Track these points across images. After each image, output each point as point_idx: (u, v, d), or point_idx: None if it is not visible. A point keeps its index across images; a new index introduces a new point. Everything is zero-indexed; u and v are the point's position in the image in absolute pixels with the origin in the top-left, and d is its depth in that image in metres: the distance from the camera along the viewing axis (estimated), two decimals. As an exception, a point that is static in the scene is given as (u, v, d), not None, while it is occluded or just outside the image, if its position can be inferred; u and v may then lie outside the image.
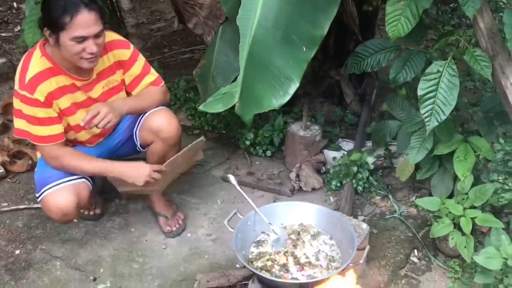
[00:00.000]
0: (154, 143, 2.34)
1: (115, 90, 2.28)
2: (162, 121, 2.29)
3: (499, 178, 2.16)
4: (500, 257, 1.99)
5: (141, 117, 2.35)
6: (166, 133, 2.29)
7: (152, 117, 2.31)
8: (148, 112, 2.32)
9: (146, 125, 2.33)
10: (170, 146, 2.33)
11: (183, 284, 2.24)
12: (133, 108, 2.25)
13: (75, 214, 2.21)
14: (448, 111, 2.07)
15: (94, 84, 2.21)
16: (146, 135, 2.34)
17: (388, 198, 2.72)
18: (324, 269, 1.94)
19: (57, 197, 2.13)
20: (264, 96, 2.02)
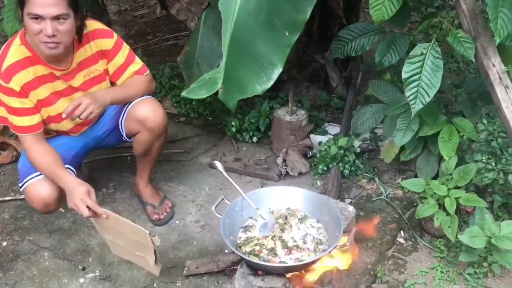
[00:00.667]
0: (140, 133, 2.33)
1: (97, 80, 2.25)
2: (148, 111, 2.28)
3: (483, 158, 2.19)
4: (484, 236, 2.03)
5: (126, 107, 2.33)
6: (152, 122, 2.28)
7: (138, 107, 2.29)
8: (133, 101, 2.31)
9: (131, 115, 2.31)
10: (156, 136, 2.32)
11: (172, 270, 2.24)
12: (116, 98, 2.23)
13: (58, 204, 2.19)
14: (433, 93, 2.09)
15: (75, 74, 2.18)
16: (132, 125, 2.33)
17: (375, 181, 2.74)
18: (311, 252, 1.96)
19: (38, 187, 2.11)
20: (248, 82, 2.01)
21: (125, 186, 2.74)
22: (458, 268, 2.19)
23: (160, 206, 2.55)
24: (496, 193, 2.30)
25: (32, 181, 2.12)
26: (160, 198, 2.58)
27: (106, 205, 2.62)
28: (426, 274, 2.19)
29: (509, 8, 1.91)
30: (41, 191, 2.11)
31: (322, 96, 3.37)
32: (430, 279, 2.16)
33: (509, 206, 2.39)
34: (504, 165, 2.15)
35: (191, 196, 2.70)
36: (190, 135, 3.20)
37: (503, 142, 2.17)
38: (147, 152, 2.39)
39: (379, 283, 2.15)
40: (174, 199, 2.67)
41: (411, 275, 2.19)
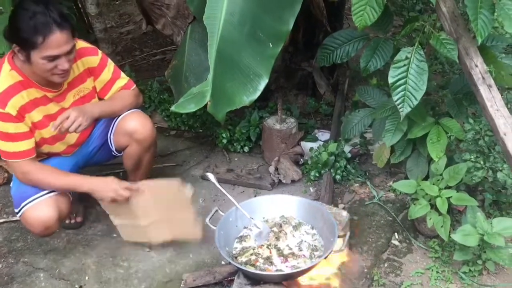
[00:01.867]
0: (130, 146, 2.34)
1: (87, 98, 2.26)
2: (136, 123, 2.29)
3: (471, 157, 2.21)
4: (477, 234, 2.05)
5: (114, 121, 2.34)
6: (140, 134, 2.29)
7: (126, 120, 2.30)
8: (121, 115, 2.32)
9: (120, 128, 2.32)
10: (145, 148, 2.33)
11: (169, 285, 2.24)
12: (104, 111, 2.23)
13: (57, 226, 2.19)
14: (420, 96, 2.12)
15: (66, 94, 2.19)
16: (121, 139, 2.33)
17: (367, 185, 2.76)
18: (307, 258, 1.97)
19: (37, 211, 2.10)
20: (235, 94, 2.03)
21: (119, 203, 2.73)
22: (453, 267, 2.21)
23: (154, 221, 2.54)
24: (487, 191, 2.33)
25: (29, 205, 2.11)
26: (154, 213, 2.58)
27: (101, 222, 2.61)
28: (422, 274, 2.20)
29: (488, 9, 1.95)
30: (41, 215, 2.10)
31: (310, 103, 3.40)
32: (426, 280, 2.17)
33: (500, 203, 2.42)
34: (492, 163, 2.18)
35: (185, 209, 2.70)
36: (182, 148, 3.21)
37: (490, 141, 2.20)
38: (137, 166, 2.39)
39: (376, 286, 2.16)
40: (168, 213, 2.67)
41: (407, 276, 2.20)
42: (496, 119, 1.92)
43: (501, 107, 1.94)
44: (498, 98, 1.96)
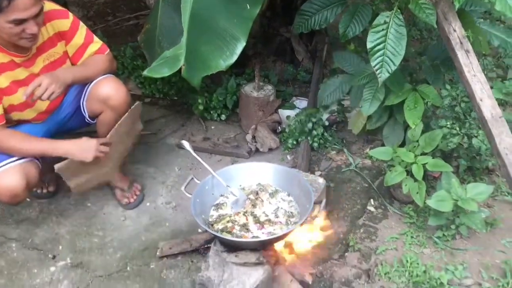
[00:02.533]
0: (103, 113, 2.27)
1: (58, 63, 2.17)
2: (110, 89, 2.22)
3: (447, 123, 2.22)
4: (451, 199, 2.08)
5: (87, 86, 2.26)
6: (115, 101, 2.22)
7: (99, 86, 2.23)
8: (94, 81, 2.24)
9: (93, 94, 2.24)
10: (120, 115, 2.26)
11: (145, 253, 2.22)
12: (77, 77, 2.15)
13: (26, 195, 2.12)
14: (398, 61, 2.09)
15: (35, 59, 2.09)
16: (94, 105, 2.26)
17: (343, 152, 2.76)
18: (283, 225, 1.96)
19: (4, 179, 2.02)
20: (211, 58, 1.97)
21: (93, 171, 2.68)
22: (427, 232, 2.24)
23: (129, 189, 2.50)
24: (461, 157, 2.35)
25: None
26: (129, 182, 2.53)
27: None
28: (397, 240, 2.23)
29: (467, -28, 1.92)
30: (7, 182, 2.02)
31: (288, 70, 3.36)
32: (401, 245, 2.20)
33: (474, 169, 2.45)
34: (468, 129, 2.20)
35: (160, 177, 2.67)
36: (157, 116, 3.14)
37: (466, 107, 2.21)
38: None
39: (351, 252, 2.18)
40: (144, 181, 2.63)
41: (382, 241, 2.23)
42: (473, 84, 1.91)
43: (478, 72, 1.94)
44: (475, 63, 1.95)
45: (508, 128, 1.86)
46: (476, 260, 2.12)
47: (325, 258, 2.14)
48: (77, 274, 2.13)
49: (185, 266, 2.14)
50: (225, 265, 1.90)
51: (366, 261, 2.14)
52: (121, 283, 2.08)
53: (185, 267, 2.14)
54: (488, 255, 2.14)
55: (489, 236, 2.22)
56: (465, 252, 2.15)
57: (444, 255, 2.14)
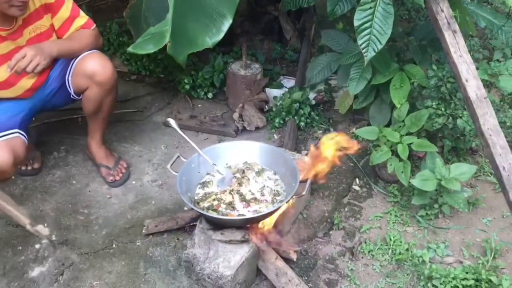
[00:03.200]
0: (89, 89, 2.24)
1: (44, 36, 2.13)
2: (96, 64, 2.19)
3: (433, 103, 2.23)
4: (435, 179, 2.10)
5: (72, 62, 2.23)
6: (101, 76, 2.19)
7: (85, 61, 2.20)
8: (79, 56, 2.21)
9: (78, 69, 2.21)
10: (106, 91, 2.24)
11: (131, 231, 2.22)
12: (63, 50, 2.12)
13: (13, 171, 2.09)
14: (384, 40, 2.08)
15: (21, 31, 2.06)
16: (80, 81, 2.23)
17: (330, 131, 2.77)
18: (269, 203, 1.97)
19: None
20: (197, 35, 1.94)
21: (78, 149, 2.66)
22: (411, 211, 2.27)
23: (115, 167, 2.49)
24: (446, 138, 2.37)
25: None
26: (115, 159, 2.52)
27: (59, 169, 2.54)
28: (381, 218, 2.26)
29: (456, -49, 1.91)
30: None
31: (276, 49, 3.34)
32: (385, 223, 2.23)
33: (458, 150, 2.48)
34: (453, 110, 2.21)
35: (146, 155, 2.66)
36: (143, 93, 3.11)
37: (452, 87, 2.22)
38: (97, 110, 2.30)
39: (336, 230, 2.21)
40: (130, 159, 2.62)
41: (367, 220, 2.25)
42: (459, 65, 1.91)
43: (464, 53, 1.94)
44: (462, 44, 1.95)
45: (492, 109, 1.88)
46: (458, 239, 2.16)
47: (310, 236, 2.16)
48: (62, 252, 2.12)
49: (171, 244, 2.15)
50: (210, 242, 1.91)
51: (350, 239, 2.16)
52: (107, 260, 2.09)
53: (171, 245, 2.14)
54: (470, 233, 2.18)
55: (471, 216, 2.26)
56: (447, 230, 2.19)
57: (426, 233, 2.17)
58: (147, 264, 2.06)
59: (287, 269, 1.88)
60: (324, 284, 1.97)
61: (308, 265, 2.05)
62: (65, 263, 2.07)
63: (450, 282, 1.88)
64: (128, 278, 2.01)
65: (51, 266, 2.06)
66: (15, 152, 2.04)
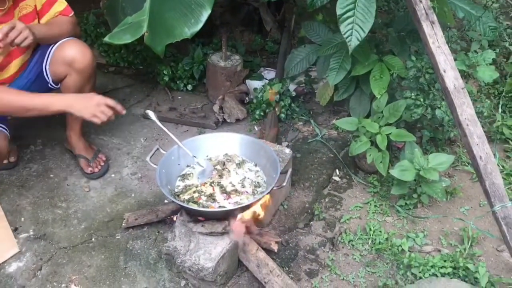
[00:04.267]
0: (68, 77, 2.20)
1: (30, 17, 2.10)
2: (75, 51, 2.15)
3: (412, 94, 2.25)
4: (414, 169, 2.12)
5: (50, 49, 2.19)
6: (80, 63, 2.16)
7: (63, 48, 2.16)
8: (57, 43, 2.17)
9: (57, 57, 2.17)
10: (86, 79, 2.21)
11: (110, 224, 2.20)
12: (43, 34, 2.07)
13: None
14: (367, 28, 2.06)
15: (12, 11, 2.03)
16: (58, 68, 2.19)
17: (310, 123, 2.78)
18: (250, 194, 1.97)
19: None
20: (175, 25, 1.91)
21: (55, 142, 2.61)
22: (390, 201, 2.30)
23: (94, 159, 2.46)
24: (425, 128, 2.40)
25: None
26: (94, 152, 2.49)
27: (36, 162, 2.49)
28: (361, 209, 2.28)
29: None
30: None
31: (256, 41, 3.32)
32: (365, 213, 2.25)
33: (437, 140, 2.51)
34: (431, 101, 2.24)
35: (126, 148, 2.62)
36: (121, 85, 3.07)
37: (430, 78, 2.24)
38: None
39: (316, 220, 2.22)
40: (108, 152, 2.59)
41: (347, 210, 2.27)
42: (437, 55, 1.93)
43: (442, 44, 1.95)
44: (439, 35, 1.96)
45: (469, 99, 1.90)
46: (436, 228, 2.19)
47: (291, 227, 2.17)
48: (40, 246, 2.09)
49: (152, 237, 2.13)
50: (191, 235, 1.90)
51: (331, 230, 2.18)
52: (86, 254, 2.06)
53: (151, 238, 2.13)
54: (448, 222, 2.21)
55: (449, 205, 2.29)
56: (425, 220, 2.22)
57: (406, 223, 2.20)
58: (127, 258, 2.04)
59: (268, 260, 1.88)
60: (305, 275, 1.98)
61: (289, 256, 2.05)
62: (43, 258, 2.04)
63: (428, 270, 1.91)
64: (108, 272, 1.99)
65: (29, 261, 2.02)
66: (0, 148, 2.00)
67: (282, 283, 1.81)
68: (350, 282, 1.96)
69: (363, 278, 1.97)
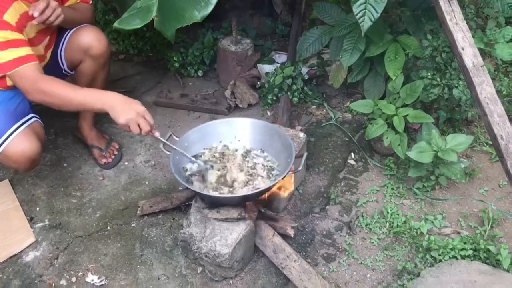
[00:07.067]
0: (83, 63, 2.19)
1: None
2: (91, 38, 2.15)
3: (428, 74, 2.20)
4: (431, 150, 2.08)
5: (65, 36, 2.18)
6: (96, 50, 2.15)
7: (79, 34, 2.16)
8: (73, 29, 2.17)
9: (73, 43, 2.16)
10: (101, 65, 2.20)
11: (125, 212, 2.19)
12: (68, 17, 2.05)
13: (41, 157, 2.03)
14: (381, 8, 2.00)
15: None
16: (74, 54, 2.18)
17: (324, 106, 2.73)
18: (265, 178, 1.94)
19: (19, 145, 1.91)
20: (185, 8, 1.87)
21: (67, 131, 2.60)
22: (408, 183, 2.26)
23: (107, 148, 2.45)
24: (442, 109, 2.34)
25: (9, 141, 1.91)
26: (106, 141, 2.47)
27: (49, 152, 2.49)
28: (377, 192, 2.24)
29: None
30: (24, 148, 1.91)
31: (267, 24, 3.27)
32: (381, 197, 2.22)
33: (454, 121, 2.46)
34: (448, 80, 2.18)
35: (138, 136, 2.61)
36: (132, 73, 3.05)
37: (447, 57, 2.18)
38: (91, 84, 2.22)
39: (332, 204, 2.19)
40: (121, 140, 2.57)
41: (363, 194, 2.24)
42: (455, 33, 1.87)
43: (460, 20, 1.89)
44: (457, 11, 1.90)
45: (489, 78, 1.84)
46: (455, 210, 2.15)
47: (307, 211, 2.15)
48: (56, 235, 2.09)
49: (167, 224, 2.12)
50: (207, 221, 1.88)
51: (347, 214, 2.15)
52: (102, 242, 2.06)
53: (166, 225, 2.12)
54: (467, 204, 2.17)
55: (468, 186, 2.25)
56: (444, 202, 2.18)
57: (423, 205, 2.16)
58: (143, 245, 2.04)
59: (285, 245, 1.86)
60: (322, 259, 1.96)
61: (305, 240, 2.03)
62: (59, 247, 2.04)
63: (448, 253, 1.88)
64: (125, 260, 1.98)
65: (45, 250, 2.03)
66: (40, 138, 2.01)
67: (300, 268, 1.80)
68: (368, 266, 1.93)
69: (381, 262, 1.94)
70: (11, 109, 1.98)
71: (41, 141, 2.01)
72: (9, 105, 1.99)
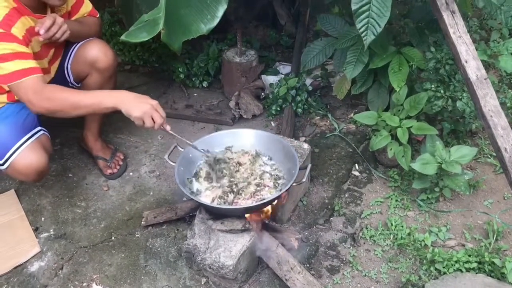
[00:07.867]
0: (89, 76, 2.22)
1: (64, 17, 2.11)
2: (98, 51, 2.17)
3: (432, 86, 2.21)
4: (435, 162, 2.08)
5: (72, 49, 2.21)
6: (103, 63, 2.17)
7: (87, 48, 2.18)
8: (80, 43, 2.19)
9: (80, 56, 2.19)
10: (107, 78, 2.22)
11: (130, 223, 2.20)
12: (75, 31, 2.08)
13: (48, 169, 2.06)
14: (383, 23, 2.02)
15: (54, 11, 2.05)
16: (81, 68, 2.20)
17: (328, 117, 2.74)
18: (272, 188, 1.94)
19: (27, 158, 1.93)
20: (191, 21, 1.89)
21: (72, 142, 2.62)
22: (412, 195, 2.26)
23: (112, 159, 2.46)
24: (445, 121, 2.35)
25: (16, 154, 1.92)
26: (111, 151, 2.49)
27: (54, 162, 2.50)
28: (382, 203, 2.24)
29: None
30: (33, 162, 1.93)
31: (271, 35, 3.29)
32: (386, 208, 2.22)
33: (458, 132, 2.46)
34: (452, 92, 2.19)
35: (143, 146, 2.62)
36: (137, 84, 3.07)
37: (450, 69, 2.19)
38: None
39: (336, 216, 2.19)
40: (126, 150, 2.59)
41: (367, 205, 2.24)
42: (458, 46, 1.88)
43: (464, 33, 1.91)
44: (461, 24, 1.91)
45: (493, 90, 1.85)
46: (459, 222, 2.14)
47: (311, 223, 2.15)
48: (61, 246, 2.10)
49: (171, 235, 2.13)
50: (211, 232, 1.89)
51: (351, 225, 2.15)
52: (106, 253, 2.06)
53: (170, 236, 2.12)
54: (471, 216, 2.16)
55: (472, 198, 2.25)
56: (448, 214, 2.18)
57: (428, 217, 2.16)
58: (147, 256, 2.04)
59: (289, 257, 1.86)
60: (326, 271, 1.96)
61: (309, 252, 2.03)
62: (64, 257, 2.05)
63: (453, 265, 1.87)
64: (129, 270, 1.99)
65: (50, 261, 2.03)
66: (47, 150, 2.03)
67: (304, 280, 1.79)
68: (372, 278, 1.93)
69: (385, 274, 1.94)
70: (20, 122, 2.00)
71: (48, 153, 2.03)
72: (17, 118, 2.01)
